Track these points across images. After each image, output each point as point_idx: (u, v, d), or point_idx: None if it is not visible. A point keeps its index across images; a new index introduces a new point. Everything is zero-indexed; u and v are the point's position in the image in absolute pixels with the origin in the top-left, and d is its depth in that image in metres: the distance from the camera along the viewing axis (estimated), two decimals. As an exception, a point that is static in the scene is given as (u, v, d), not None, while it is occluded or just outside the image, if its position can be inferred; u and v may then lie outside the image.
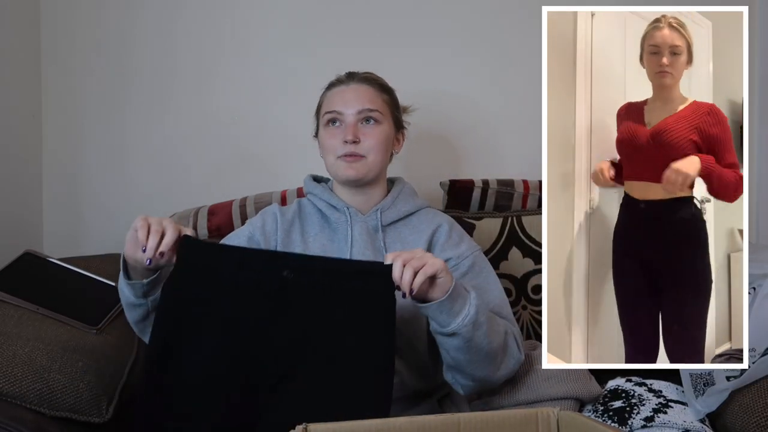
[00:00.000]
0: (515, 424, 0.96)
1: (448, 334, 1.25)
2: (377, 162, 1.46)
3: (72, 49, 2.01)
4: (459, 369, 1.32)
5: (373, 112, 1.46)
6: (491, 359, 1.31)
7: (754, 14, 2.08)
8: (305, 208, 1.53)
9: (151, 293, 1.29)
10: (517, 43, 2.04)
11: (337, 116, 1.46)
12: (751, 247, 1.61)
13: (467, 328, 1.24)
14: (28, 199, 2.00)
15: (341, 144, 1.44)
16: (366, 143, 1.45)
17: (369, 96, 1.47)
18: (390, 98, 1.52)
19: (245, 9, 2.03)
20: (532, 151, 1.52)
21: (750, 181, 2.06)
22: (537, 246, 1.76)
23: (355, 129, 1.44)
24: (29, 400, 1.29)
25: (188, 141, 2.04)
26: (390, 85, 1.53)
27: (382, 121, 1.47)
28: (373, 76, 1.52)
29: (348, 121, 1.45)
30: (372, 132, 1.45)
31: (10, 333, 1.40)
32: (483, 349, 1.28)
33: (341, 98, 1.47)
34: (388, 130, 1.48)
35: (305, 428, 0.90)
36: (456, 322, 1.24)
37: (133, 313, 1.33)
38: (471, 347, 1.26)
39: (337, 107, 1.47)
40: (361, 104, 1.46)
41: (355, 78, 1.50)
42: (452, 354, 1.29)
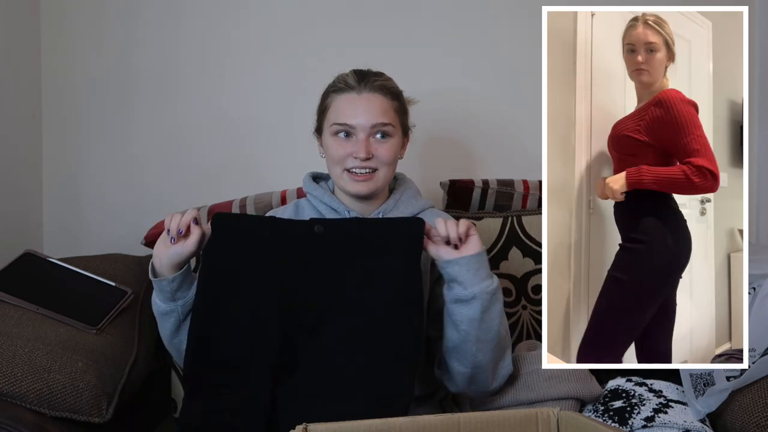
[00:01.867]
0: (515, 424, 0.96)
1: (468, 298, 1.29)
2: (388, 175, 1.45)
3: (72, 49, 2.01)
4: (462, 351, 1.32)
5: (387, 126, 1.41)
6: (495, 346, 1.32)
7: (754, 14, 2.08)
8: (303, 209, 1.51)
9: (180, 295, 1.33)
10: (517, 43, 2.04)
11: (349, 129, 1.41)
12: (751, 247, 1.61)
13: (487, 296, 1.29)
14: (28, 199, 2.00)
15: (351, 157, 1.41)
16: (378, 158, 1.42)
17: (382, 108, 1.42)
18: (399, 104, 1.47)
19: (246, 10, 2.03)
20: (532, 151, 1.52)
21: (750, 181, 2.06)
22: (537, 246, 1.76)
23: (367, 144, 1.40)
24: (29, 400, 1.29)
25: (188, 141, 2.04)
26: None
27: (394, 134, 1.44)
28: (383, 81, 1.45)
29: (360, 137, 1.40)
30: (384, 147, 1.42)
31: (10, 333, 1.40)
32: (493, 328, 1.31)
33: (352, 110, 1.41)
34: (398, 142, 1.45)
35: (305, 428, 0.91)
36: (480, 286, 1.28)
37: (166, 325, 1.36)
38: (484, 320, 1.29)
39: (348, 120, 1.41)
40: (374, 118, 1.40)
41: (367, 84, 1.42)
42: (463, 326, 1.30)
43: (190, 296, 1.33)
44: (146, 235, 1.82)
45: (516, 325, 1.73)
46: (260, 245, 1.29)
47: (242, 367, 1.24)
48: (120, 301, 1.60)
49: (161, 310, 1.35)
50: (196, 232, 1.30)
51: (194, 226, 1.31)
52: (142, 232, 1.83)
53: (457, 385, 1.38)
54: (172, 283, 1.32)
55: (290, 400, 1.22)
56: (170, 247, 1.30)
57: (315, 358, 1.24)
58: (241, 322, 1.26)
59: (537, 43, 1.29)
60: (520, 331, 1.73)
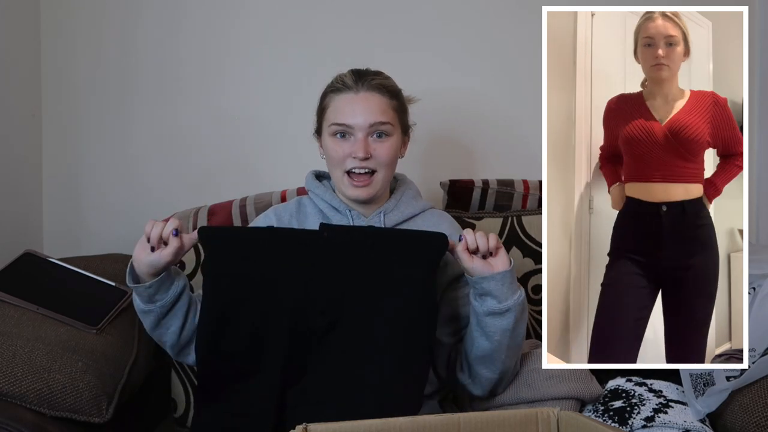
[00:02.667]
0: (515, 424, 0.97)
1: (503, 311, 1.31)
2: (387, 176, 1.45)
3: (72, 49, 2.01)
4: (493, 359, 1.36)
5: (385, 125, 1.41)
6: (519, 350, 1.38)
7: (754, 14, 2.08)
8: (305, 207, 1.51)
9: (158, 298, 1.34)
10: (517, 43, 2.04)
11: (347, 129, 1.41)
12: (751, 247, 1.61)
13: (520, 306, 1.32)
14: (28, 199, 2.00)
15: (350, 158, 1.40)
16: (377, 158, 1.41)
17: (380, 107, 1.41)
18: (398, 103, 1.45)
19: (246, 10, 2.03)
20: (532, 151, 1.52)
21: (750, 181, 2.06)
22: (537, 246, 1.76)
23: (366, 144, 1.39)
24: (29, 400, 1.29)
25: (188, 141, 2.04)
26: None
27: (393, 133, 1.43)
28: (381, 80, 1.44)
29: (358, 136, 1.40)
30: (383, 146, 1.41)
31: (10, 333, 1.40)
32: (520, 335, 1.35)
33: (351, 109, 1.40)
34: (397, 141, 1.44)
35: (305, 428, 0.91)
36: (514, 298, 1.31)
37: (146, 320, 1.38)
38: (516, 329, 1.33)
39: (346, 120, 1.40)
40: (373, 117, 1.39)
41: (365, 83, 1.41)
42: (497, 337, 1.33)
43: (168, 298, 1.34)
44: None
45: (516, 325, 1.73)
46: (261, 252, 1.28)
47: (252, 372, 1.26)
48: (120, 301, 1.60)
49: (140, 309, 1.37)
50: (174, 244, 1.29)
51: (173, 238, 1.30)
52: (142, 232, 1.83)
53: (483, 390, 1.41)
54: (148, 289, 1.33)
55: (299, 404, 1.23)
56: (149, 254, 1.30)
57: (325, 363, 1.24)
58: (249, 329, 1.26)
59: (537, 43, 1.29)
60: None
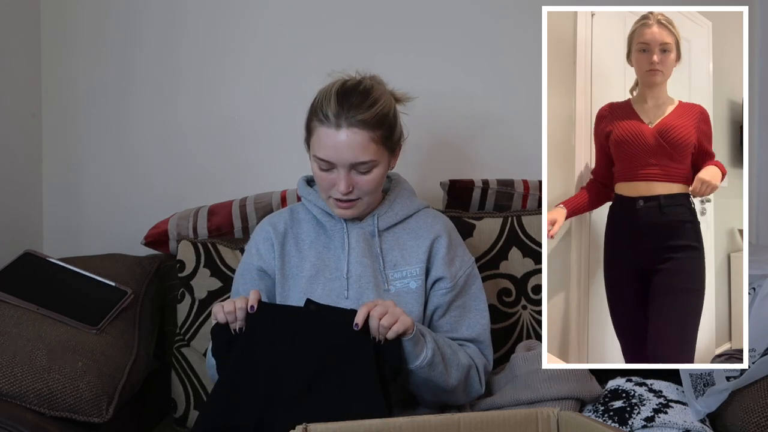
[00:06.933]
0: (515, 424, 0.97)
1: (409, 370, 1.34)
2: (373, 201, 1.46)
3: (72, 49, 2.01)
4: (419, 395, 1.42)
5: (367, 164, 1.39)
6: (449, 392, 1.40)
7: (754, 14, 2.08)
8: (298, 214, 1.52)
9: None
10: (517, 43, 2.04)
11: (329, 165, 1.39)
12: (751, 247, 1.61)
13: (424, 369, 1.33)
14: (28, 199, 2.00)
15: (333, 188, 1.41)
16: (360, 189, 1.41)
17: (362, 144, 1.37)
18: (383, 131, 1.40)
19: (246, 10, 2.02)
20: (532, 151, 1.52)
21: (750, 181, 2.06)
22: (537, 246, 1.76)
23: (348, 179, 1.39)
24: (29, 400, 1.29)
25: (188, 141, 2.04)
26: (387, 87, 1.47)
27: (377, 165, 1.40)
28: (363, 114, 1.37)
29: (341, 172, 1.39)
30: (366, 179, 1.40)
31: (10, 333, 1.40)
32: (440, 385, 1.37)
33: (333, 147, 1.37)
34: (383, 168, 1.42)
35: (305, 428, 0.91)
36: (414, 364, 1.32)
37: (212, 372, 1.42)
38: (429, 382, 1.36)
39: (329, 157, 1.38)
40: (354, 156, 1.37)
41: (347, 119, 1.36)
42: (410, 387, 1.39)
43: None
44: (146, 235, 1.82)
45: (516, 325, 1.73)
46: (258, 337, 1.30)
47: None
48: (120, 301, 1.60)
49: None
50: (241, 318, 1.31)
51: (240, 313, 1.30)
52: (143, 232, 1.83)
53: (427, 406, 1.46)
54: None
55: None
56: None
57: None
58: (248, 392, 1.29)
59: (537, 43, 1.29)
60: (520, 331, 1.73)
